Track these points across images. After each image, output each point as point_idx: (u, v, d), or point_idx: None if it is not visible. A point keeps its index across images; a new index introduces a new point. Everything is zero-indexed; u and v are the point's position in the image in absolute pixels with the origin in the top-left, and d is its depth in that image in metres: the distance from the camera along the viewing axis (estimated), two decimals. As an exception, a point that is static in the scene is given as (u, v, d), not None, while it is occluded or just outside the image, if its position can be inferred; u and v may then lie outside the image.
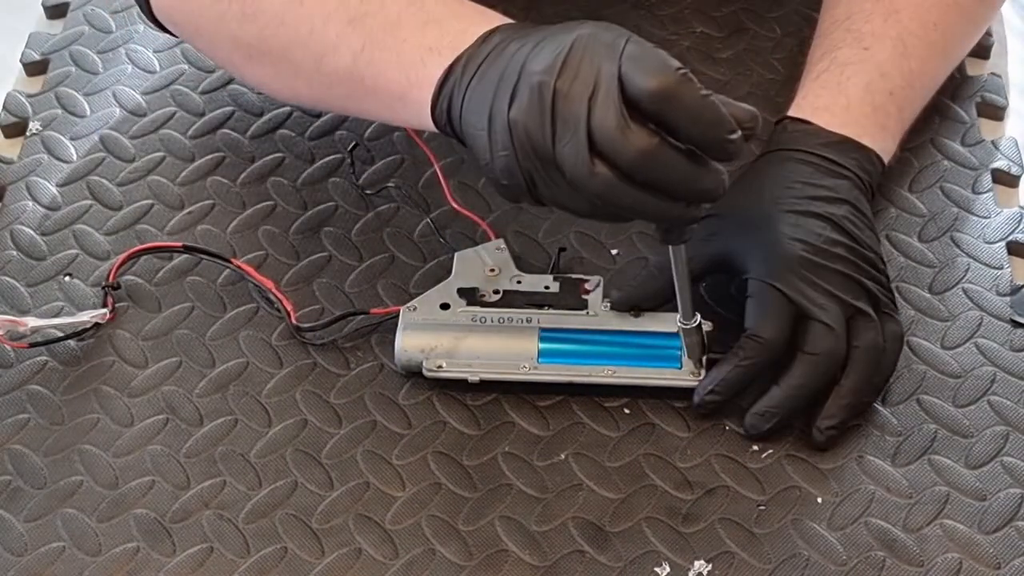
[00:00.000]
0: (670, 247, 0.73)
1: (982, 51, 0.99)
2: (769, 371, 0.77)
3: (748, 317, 0.77)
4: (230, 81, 0.98)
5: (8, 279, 0.86)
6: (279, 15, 0.80)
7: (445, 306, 0.80)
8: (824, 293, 0.76)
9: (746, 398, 0.78)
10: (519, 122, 0.68)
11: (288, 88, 0.84)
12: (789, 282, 0.76)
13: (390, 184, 0.91)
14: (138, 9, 0.90)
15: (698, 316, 0.76)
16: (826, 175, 0.81)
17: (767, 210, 0.79)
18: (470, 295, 0.81)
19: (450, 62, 0.73)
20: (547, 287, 0.81)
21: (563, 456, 0.77)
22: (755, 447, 0.77)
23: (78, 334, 0.82)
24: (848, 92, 0.84)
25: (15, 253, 0.87)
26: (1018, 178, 0.92)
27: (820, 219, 0.78)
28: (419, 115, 0.75)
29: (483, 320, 0.79)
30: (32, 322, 0.81)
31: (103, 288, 0.84)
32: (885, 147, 0.84)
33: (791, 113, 0.85)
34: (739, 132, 0.67)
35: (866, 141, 0.83)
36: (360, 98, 0.79)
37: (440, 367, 0.78)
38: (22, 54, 1.01)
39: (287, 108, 0.96)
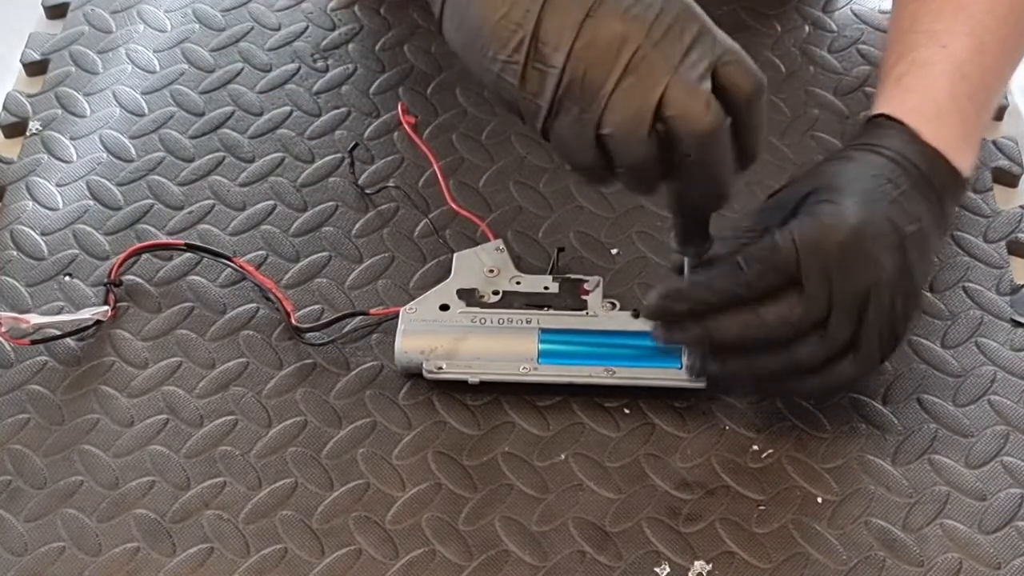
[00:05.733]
0: (686, 257, 0.73)
1: (982, 50, 0.99)
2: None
3: (750, 257, 0.71)
4: (230, 81, 0.98)
5: (8, 279, 0.86)
6: None
7: (444, 307, 0.80)
8: (833, 295, 0.70)
9: (745, 398, 0.78)
10: (585, 57, 0.64)
11: None
12: (813, 251, 0.70)
13: (390, 184, 0.91)
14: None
15: None
16: (912, 185, 0.75)
17: (843, 187, 0.73)
18: (469, 296, 0.81)
19: None
20: (546, 288, 0.81)
21: (563, 456, 0.77)
22: (755, 447, 0.77)
23: (80, 331, 0.82)
24: (935, 97, 0.79)
25: (15, 253, 0.87)
26: (1018, 178, 0.92)
27: (888, 223, 0.72)
28: None
29: (483, 321, 0.79)
30: (35, 319, 0.81)
31: (105, 285, 0.84)
32: (969, 161, 0.79)
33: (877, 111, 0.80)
34: None
35: (956, 159, 0.77)
36: None
37: (440, 369, 0.78)
38: (22, 54, 1.01)
39: (287, 108, 0.96)
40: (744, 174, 0.70)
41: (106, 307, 0.83)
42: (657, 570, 0.72)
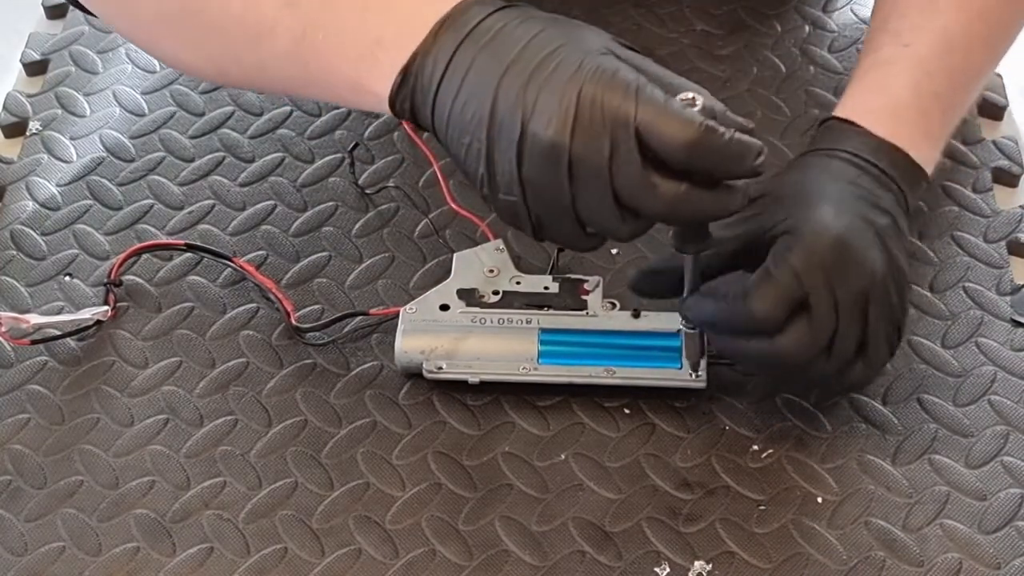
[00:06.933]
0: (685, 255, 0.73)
1: (982, 50, 0.99)
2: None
3: (753, 284, 0.71)
4: (230, 81, 0.98)
5: (8, 279, 0.86)
6: None
7: (444, 307, 0.80)
8: (834, 305, 0.71)
9: (745, 398, 0.78)
10: (534, 182, 0.66)
11: (215, 67, 0.78)
12: (811, 271, 0.71)
13: (390, 184, 0.91)
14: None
15: None
16: (873, 181, 0.76)
17: (810, 198, 0.74)
18: (469, 296, 0.81)
19: (405, 60, 0.68)
20: (546, 287, 0.81)
21: (563, 456, 0.77)
22: (755, 447, 0.77)
23: (80, 331, 0.82)
24: (895, 95, 0.79)
25: (15, 253, 0.87)
26: (1018, 177, 0.92)
27: (863, 221, 0.73)
28: (377, 106, 0.70)
29: (483, 321, 0.79)
30: (35, 319, 0.81)
31: (105, 285, 0.84)
32: (930, 157, 0.79)
33: (837, 114, 0.80)
34: (764, 150, 0.65)
35: (913, 153, 0.77)
36: (304, 84, 0.75)
37: (440, 368, 0.78)
38: (22, 54, 1.01)
39: (287, 108, 0.96)
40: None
41: (106, 307, 0.83)
42: (657, 570, 0.72)
